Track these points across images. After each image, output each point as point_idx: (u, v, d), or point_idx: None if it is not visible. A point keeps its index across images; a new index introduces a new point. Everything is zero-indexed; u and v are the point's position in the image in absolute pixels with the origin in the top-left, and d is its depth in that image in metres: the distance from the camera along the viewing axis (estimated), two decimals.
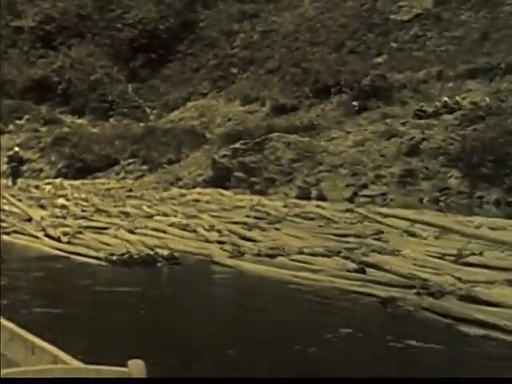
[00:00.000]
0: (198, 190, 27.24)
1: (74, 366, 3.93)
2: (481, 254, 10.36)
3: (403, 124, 29.39)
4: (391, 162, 27.01)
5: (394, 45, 35.56)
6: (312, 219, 15.70)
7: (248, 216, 16.35)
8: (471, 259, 10.09)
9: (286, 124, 32.72)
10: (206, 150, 33.09)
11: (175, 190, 27.41)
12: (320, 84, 34.81)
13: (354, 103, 31.56)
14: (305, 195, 25.51)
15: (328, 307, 7.89)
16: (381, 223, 14.12)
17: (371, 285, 8.43)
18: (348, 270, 9.52)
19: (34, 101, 41.63)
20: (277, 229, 14.07)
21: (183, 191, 26.27)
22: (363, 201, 24.82)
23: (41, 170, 36.25)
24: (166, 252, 10.71)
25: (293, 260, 10.48)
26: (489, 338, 6.56)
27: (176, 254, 10.79)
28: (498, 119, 26.55)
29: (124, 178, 33.68)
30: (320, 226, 14.51)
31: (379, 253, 10.92)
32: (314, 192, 25.95)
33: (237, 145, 29.17)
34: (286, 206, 18.95)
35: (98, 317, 7.79)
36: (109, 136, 36.47)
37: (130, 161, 34.97)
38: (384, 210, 15.85)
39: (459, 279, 8.12)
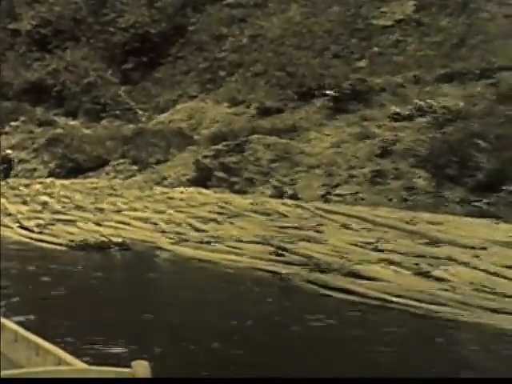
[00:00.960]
0: (181, 189, 29.01)
1: (77, 366, 4.02)
2: (391, 242, 12.12)
3: (379, 126, 31.12)
4: (364, 163, 28.72)
5: (375, 49, 37.29)
6: (268, 214, 17.44)
7: (210, 211, 18.09)
8: (382, 246, 11.85)
9: (270, 126, 34.44)
10: (193, 151, 34.84)
11: (159, 189, 29.18)
12: (304, 87, 36.48)
13: (330, 92, 33.33)
14: (279, 194, 27.26)
15: (240, 282, 9.67)
16: (324, 217, 15.87)
17: (279, 264, 10.20)
18: (270, 254, 11.29)
19: (29, 103, 43.48)
20: (231, 223, 15.83)
21: (165, 190, 28.03)
22: (335, 199, 26.58)
23: (34, 170, 38.05)
24: (119, 239, 12.50)
25: (227, 246, 12.26)
26: (352, 302, 8.33)
27: (128, 242, 12.58)
28: (466, 122, 28.24)
29: (114, 178, 35.48)
30: (271, 220, 16.26)
31: (308, 241, 12.67)
32: (288, 191, 27.66)
33: (219, 146, 30.93)
34: (253, 204, 20.71)
35: (51, 285, 9.57)
36: (100, 137, 38.30)
37: (120, 161, 36.75)
38: (327, 207, 17.59)
39: (348, 259, 9.89)
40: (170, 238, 12.91)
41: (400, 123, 30.86)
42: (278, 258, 10.84)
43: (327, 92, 35.37)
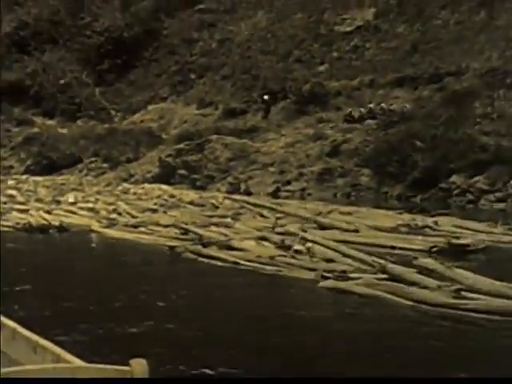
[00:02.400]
0: (144, 185, 31.81)
1: (76, 364, 4.05)
2: (284, 226, 15.01)
3: (331, 128, 34.00)
4: (314, 162, 31.62)
5: (335, 54, 40.15)
6: (203, 206, 20.31)
7: (155, 203, 20.95)
8: (279, 230, 14.69)
9: (233, 126, 37.27)
10: (161, 150, 37.67)
11: (124, 185, 31.96)
12: (267, 90, 39.29)
13: (265, 97, 36.25)
14: (234, 190, 30.12)
15: (142, 253, 12.55)
16: (247, 208, 18.75)
17: (178, 241, 13.08)
18: (176, 234, 14.15)
19: (8, 102, 46.19)
20: (164, 212, 18.67)
21: (129, 186, 30.84)
22: (285, 195, 29.47)
23: (11, 167, 40.84)
24: (57, 223, 15.36)
25: (148, 229, 15.12)
26: (220, 266, 11.20)
27: (66, 226, 15.45)
28: (408, 124, 31.09)
29: (86, 175, 38.28)
30: (202, 210, 19.12)
31: (217, 225, 15.51)
32: (242, 187, 30.52)
33: (181, 145, 33.79)
34: (201, 198, 23.55)
35: None
36: (74, 136, 41.13)
37: (93, 159, 39.58)
38: (252, 200, 20.47)
39: (227, 236, 12.77)
40: (101, 223, 15.77)
41: (351, 125, 33.72)
42: (181, 236, 13.68)
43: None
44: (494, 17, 38.05)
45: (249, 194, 29.24)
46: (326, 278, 9.63)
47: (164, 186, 30.04)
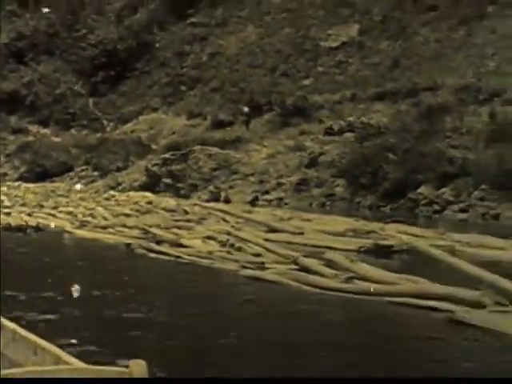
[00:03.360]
0: (130, 193, 33.83)
1: (75, 366, 4.12)
2: (241, 230, 17.00)
3: (312, 140, 36.01)
4: (292, 172, 33.62)
5: (320, 69, 42.21)
6: (174, 211, 22.33)
7: (131, 209, 22.98)
8: (231, 230, 16.64)
9: (220, 137, 39.30)
10: (150, 160, 39.70)
11: (111, 193, 33.98)
12: (254, 103, 41.34)
13: (245, 109, 38.36)
14: (215, 198, 32.12)
15: (104, 250, 14.57)
16: (214, 214, 20.77)
17: (135, 239, 15.08)
18: (138, 235, 16.15)
19: (4, 111, 48.38)
20: (137, 216, 20.69)
21: (114, 193, 32.88)
22: (262, 204, 31.45)
23: (5, 174, 42.93)
24: (34, 224, 17.40)
25: (116, 230, 17.14)
26: (168, 260, 13.19)
27: (42, 226, 17.49)
28: (383, 138, 33.08)
29: (77, 183, 40.33)
30: (172, 215, 21.13)
31: (179, 228, 17.50)
32: (222, 196, 32.53)
33: (166, 155, 35.84)
34: (177, 205, 25.55)
35: None
36: (67, 145, 43.23)
37: (83, 167, 41.66)
38: (219, 206, 22.48)
39: (181, 236, 14.78)
40: (74, 224, 17.79)
41: (330, 137, 35.72)
42: (141, 236, 15.70)
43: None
44: (472, 35, 40.11)
45: (228, 202, 31.26)
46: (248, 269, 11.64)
47: (147, 194, 31.99)
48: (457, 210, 28.35)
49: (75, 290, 9.21)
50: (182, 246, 14.21)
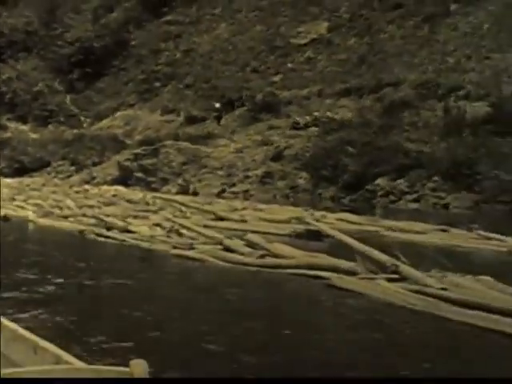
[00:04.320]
0: (104, 186, 35.64)
1: (76, 366, 4.23)
2: (187, 217, 18.89)
3: (278, 134, 37.90)
4: (258, 166, 35.51)
5: (289, 65, 44.11)
6: (137, 203, 24.19)
7: (98, 201, 24.80)
8: (178, 220, 18.49)
9: (192, 133, 41.16)
10: (125, 155, 41.52)
11: (86, 187, 35.78)
12: (226, 99, 43.22)
13: (217, 105, 40.26)
14: (184, 191, 33.99)
15: (61, 235, 16.44)
16: (172, 206, 22.62)
17: (91, 227, 16.95)
18: (94, 222, 18.01)
19: None
20: (99, 207, 22.52)
21: (88, 187, 34.70)
22: (229, 196, 33.32)
23: None
24: (1, 214, 19.27)
25: (74, 219, 19.01)
26: (114, 243, 15.07)
27: (9, 216, 19.35)
28: (345, 132, 34.99)
29: (54, 178, 42.14)
30: (133, 206, 22.97)
31: (135, 217, 19.34)
32: (191, 189, 34.40)
33: (138, 150, 37.69)
34: (143, 197, 27.39)
35: None
36: (44, 141, 45.03)
37: (60, 163, 43.46)
38: (179, 199, 24.36)
39: (131, 224, 16.67)
40: (37, 214, 19.68)
41: (296, 132, 37.63)
42: (95, 223, 17.59)
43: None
44: (435, 32, 42.06)
45: (196, 194, 33.16)
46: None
47: (119, 187, 33.84)
48: (410, 200, 30.27)
49: None
50: (129, 231, 16.09)
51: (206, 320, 8.51)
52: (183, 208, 21.62)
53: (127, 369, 3.97)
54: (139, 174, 36.86)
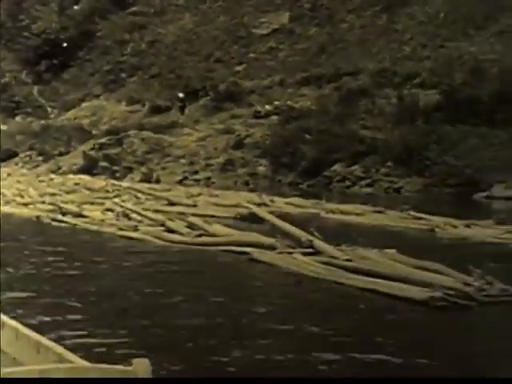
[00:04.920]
0: (69, 176, 36.75)
1: (78, 364, 4.24)
2: (142, 203, 20.13)
3: (241, 123, 39.17)
4: (220, 154, 36.77)
5: (252, 55, 45.33)
6: (97, 191, 25.40)
7: (60, 189, 25.99)
8: (133, 206, 19.75)
9: (157, 122, 42.31)
10: (91, 144, 42.62)
11: (51, 176, 36.88)
12: (190, 88, 44.39)
13: (180, 95, 41.47)
14: (147, 179, 35.19)
15: (19, 220, 17.65)
16: (130, 193, 23.85)
17: (48, 212, 18.17)
18: (50, 208, 19.22)
19: None
20: (60, 195, 23.71)
21: (53, 176, 35.82)
22: (191, 183, 34.57)
23: None
24: None
25: (33, 206, 20.21)
26: (66, 227, 16.29)
27: None
28: (304, 120, 36.31)
29: (22, 168, 43.20)
30: (92, 193, 24.19)
31: (92, 204, 20.54)
32: (154, 177, 35.61)
33: (103, 140, 38.84)
34: (105, 185, 28.60)
35: None
36: (12, 132, 46.00)
37: (28, 153, 44.50)
38: (137, 186, 25.61)
39: (84, 208, 17.91)
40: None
41: (258, 120, 38.91)
42: (52, 209, 18.82)
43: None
44: (394, 21, 43.44)
45: (158, 182, 34.40)
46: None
47: (83, 176, 34.98)
48: (364, 185, 31.68)
49: None
50: (83, 216, 17.33)
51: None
52: (139, 195, 22.84)
53: (130, 368, 4.00)
54: (104, 163, 37.99)
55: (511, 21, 37.81)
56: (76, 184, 28.22)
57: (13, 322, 5.40)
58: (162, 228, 14.84)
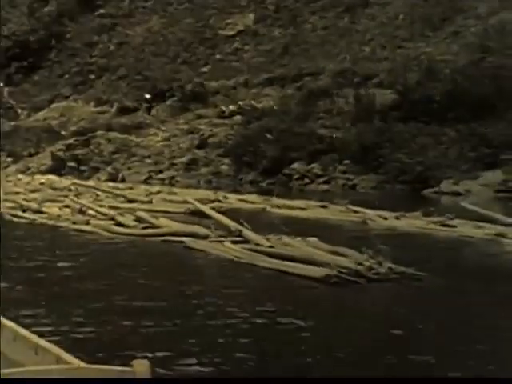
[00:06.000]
0: (37, 176, 38.02)
1: (76, 365, 4.25)
2: (101, 201, 21.51)
3: (205, 123, 40.59)
4: (184, 153, 38.18)
5: (218, 56, 46.76)
6: (61, 190, 26.76)
7: (25, 188, 27.32)
8: (92, 203, 21.12)
9: (125, 123, 43.65)
10: (59, 145, 43.90)
11: (19, 176, 38.12)
12: (156, 89, 45.73)
13: (147, 96, 42.84)
14: (113, 178, 36.53)
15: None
16: (92, 192, 25.23)
17: (9, 210, 19.51)
18: (13, 206, 20.55)
19: None
20: (25, 193, 25.03)
21: (21, 176, 37.07)
22: (156, 182, 35.95)
23: None
24: None
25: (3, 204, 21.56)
26: (25, 222, 17.66)
27: None
28: (265, 120, 37.76)
29: None
30: (55, 192, 25.54)
31: (53, 201, 21.92)
32: (120, 176, 36.97)
33: (70, 140, 40.14)
34: (69, 184, 29.93)
35: None
36: None
37: None
38: (92, 184, 26.99)
39: (44, 205, 19.28)
40: None
41: (222, 120, 40.35)
42: (14, 206, 20.19)
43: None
44: (355, 22, 45.02)
45: (123, 181, 35.75)
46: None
47: (51, 176, 36.25)
48: (321, 182, 33.22)
49: None
50: (41, 212, 18.73)
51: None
52: (99, 193, 24.25)
53: (129, 368, 4.03)
54: (71, 164, 39.30)
55: (466, 22, 39.45)
56: (41, 184, 29.51)
57: (11, 324, 5.46)
58: (112, 222, 16.23)
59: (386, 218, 17.48)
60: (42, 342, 4.93)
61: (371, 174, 32.24)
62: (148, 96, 43.71)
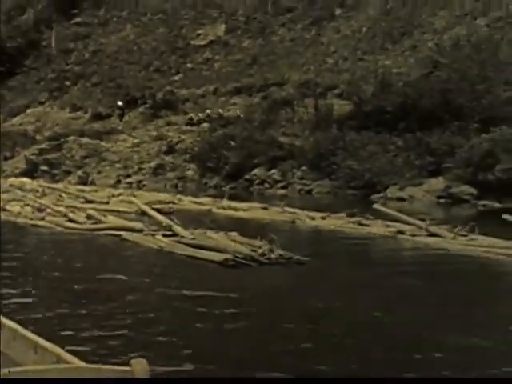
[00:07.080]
0: (12, 179, 40.29)
1: (76, 365, 4.35)
2: (64, 200, 23.88)
3: (174, 130, 43.00)
4: (152, 159, 40.57)
5: (189, 65, 49.20)
6: (30, 191, 29.09)
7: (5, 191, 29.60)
8: (55, 202, 23.49)
9: (96, 129, 46.00)
10: (33, 149, 46.19)
11: None
12: (129, 97, 48.10)
13: (119, 103, 45.24)
14: (83, 182, 38.88)
15: None
16: (57, 194, 27.56)
17: None
18: None
19: None
20: None
21: None
22: (125, 186, 38.29)
23: None
24: None
25: None
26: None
27: None
28: (230, 127, 40.20)
29: None
30: (25, 194, 27.85)
31: (27, 206, 24.23)
32: (89, 180, 39.33)
33: (43, 145, 42.47)
34: (39, 186, 32.24)
35: None
36: None
37: None
38: (57, 186, 29.32)
39: (7, 204, 21.63)
40: None
41: (190, 128, 42.77)
42: None
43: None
44: (320, 34, 47.55)
45: (93, 184, 38.10)
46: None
47: (25, 179, 38.51)
48: (279, 187, 35.66)
49: None
50: (5, 210, 21.12)
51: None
52: (63, 194, 26.64)
53: (128, 368, 4.11)
54: (44, 167, 41.61)
55: (423, 36, 42.03)
56: (11, 185, 31.80)
57: (11, 323, 5.56)
58: (65, 218, 18.63)
59: (313, 218, 19.89)
60: (42, 342, 5.06)
61: (326, 179, 34.62)
62: (120, 103, 46.07)
